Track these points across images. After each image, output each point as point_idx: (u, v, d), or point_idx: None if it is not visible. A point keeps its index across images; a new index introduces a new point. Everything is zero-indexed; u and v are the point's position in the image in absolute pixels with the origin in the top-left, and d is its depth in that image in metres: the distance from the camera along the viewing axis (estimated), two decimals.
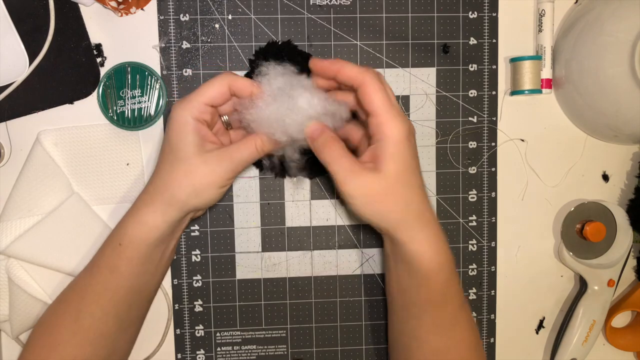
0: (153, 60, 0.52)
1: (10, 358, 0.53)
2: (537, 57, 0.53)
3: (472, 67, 0.54)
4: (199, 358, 0.55)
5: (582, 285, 0.56)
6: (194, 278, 0.54)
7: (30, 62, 0.49)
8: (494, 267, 0.56)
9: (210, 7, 0.52)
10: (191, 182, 0.41)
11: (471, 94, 0.55)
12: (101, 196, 0.52)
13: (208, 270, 0.54)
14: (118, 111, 0.51)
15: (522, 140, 0.56)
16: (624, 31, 0.46)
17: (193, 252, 0.54)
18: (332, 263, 0.55)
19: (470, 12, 0.54)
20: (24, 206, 0.50)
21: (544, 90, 0.54)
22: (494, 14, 0.54)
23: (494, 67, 0.55)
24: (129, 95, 0.51)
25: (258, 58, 0.51)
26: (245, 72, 0.52)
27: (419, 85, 0.54)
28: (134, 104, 0.51)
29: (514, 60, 0.54)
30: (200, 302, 0.54)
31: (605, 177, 0.57)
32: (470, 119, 0.55)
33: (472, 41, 0.54)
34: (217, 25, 0.52)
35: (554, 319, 0.58)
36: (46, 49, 0.49)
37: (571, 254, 0.55)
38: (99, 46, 0.51)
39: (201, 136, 0.42)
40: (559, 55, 0.53)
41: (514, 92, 0.54)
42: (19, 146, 0.51)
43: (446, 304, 0.43)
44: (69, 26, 0.50)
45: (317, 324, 0.55)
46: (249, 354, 0.55)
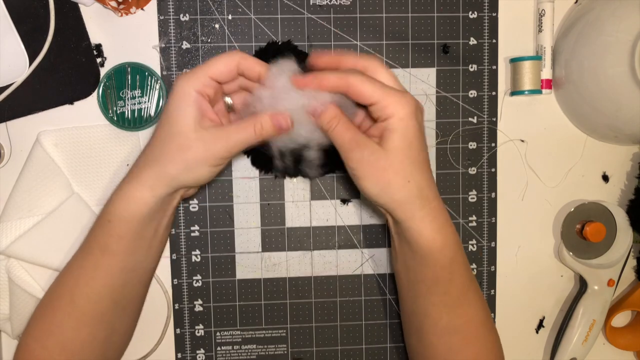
0: (153, 61, 0.52)
1: (10, 358, 0.53)
2: (537, 58, 0.53)
3: (472, 67, 0.54)
4: (199, 358, 0.55)
5: (582, 285, 0.56)
6: (194, 278, 0.54)
7: (30, 62, 0.49)
8: (493, 267, 0.56)
9: (210, 7, 0.52)
10: (184, 157, 0.40)
11: (471, 94, 0.55)
12: (101, 196, 0.52)
13: (208, 270, 0.54)
14: (118, 112, 0.51)
15: (522, 141, 0.56)
16: (624, 31, 0.46)
17: (193, 252, 0.54)
18: (332, 263, 0.55)
19: (470, 12, 0.54)
20: (24, 206, 0.50)
21: (544, 91, 0.54)
22: (494, 14, 0.54)
23: (494, 67, 0.55)
24: (129, 95, 0.51)
25: (258, 58, 0.51)
26: None
27: (418, 85, 0.54)
28: (134, 104, 0.51)
29: (514, 61, 0.54)
30: (200, 301, 0.54)
31: (605, 178, 0.57)
32: (470, 119, 0.55)
33: (472, 41, 0.54)
34: (217, 25, 0.52)
35: (554, 319, 0.58)
36: (46, 49, 0.49)
37: (571, 254, 0.55)
38: (99, 46, 0.51)
39: (201, 111, 0.40)
40: (559, 56, 0.53)
41: (514, 93, 0.54)
42: (19, 146, 0.51)
43: (453, 281, 0.43)
44: (69, 26, 0.50)
45: (317, 323, 0.55)
46: (249, 354, 0.55)
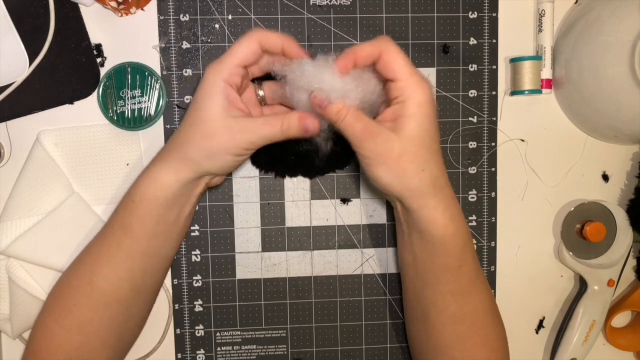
0: (153, 61, 0.52)
1: (10, 358, 0.53)
2: (537, 57, 0.53)
3: (472, 67, 0.54)
4: (199, 358, 0.55)
5: (582, 285, 0.56)
6: (194, 278, 0.54)
7: (30, 62, 0.49)
8: (493, 267, 0.56)
9: (210, 7, 0.52)
10: (208, 144, 0.41)
11: (471, 94, 0.55)
12: (101, 196, 0.52)
13: (208, 270, 0.54)
14: (118, 111, 0.51)
15: (522, 140, 0.56)
16: (624, 31, 0.46)
17: (193, 252, 0.54)
18: (332, 263, 0.55)
19: (470, 12, 0.54)
20: (24, 206, 0.50)
21: (544, 90, 0.54)
22: (494, 14, 0.54)
23: (494, 67, 0.55)
24: (129, 95, 0.51)
25: None
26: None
27: None
28: (134, 104, 0.51)
29: (514, 61, 0.54)
30: (200, 302, 0.54)
31: (605, 177, 0.57)
32: (470, 119, 0.55)
33: (472, 41, 0.54)
34: (217, 25, 0.52)
35: (554, 319, 0.58)
36: (46, 49, 0.49)
37: (571, 253, 0.55)
38: (99, 46, 0.51)
39: (229, 100, 0.41)
40: (559, 56, 0.53)
41: (514, 92, 0.54)
42: (19, 146, 0.51)
43: (462, 270, 0.43)
44: (69, 26, 0.50)
45: (317, 324, 0.55)
46: (249, 354, 0.55)
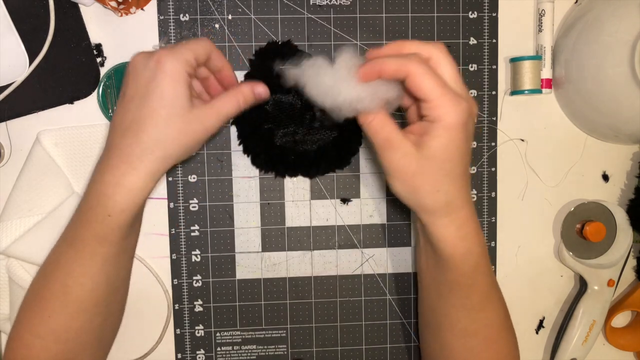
0: None
1: None
2: (537, 57, 0.53)
3: (472, 67, 0.54)
4: (199, 358, 0.55)
5: (582, 285, 0.56)
6: (194, 278, 0.54)
7: (30, 62, 0.49)
8: (493, 267, 0.56)
9: (210, 7, 0.52)
10: (185, 140, 0.39)
11: (471, 93, 0.55)
12: None
13: (208, 270, 0.54)
14: None
15: (522, 140, 0.56)
16: (624, 31, 0.46)
17: (193, 252, 0.54)
18: (332, 263, 0.55)
19: (470, 12, 0.54)
20: (24, 206, 0.50)
21: (544, 90, 0.54)
22: (494, 14, 0.54)
23: (494, 67, 0.55)
24: None
25: (258, 58, 0.51)
26: (245, 72, 0.51)
27: None
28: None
29: (514, 60, 0.54)
30: (200, 302, 0.54)
31: (605, 177, 0.57)
32: None
33: (472, 41, 0.54)
34: (217, 25, 0.52)
35: (554, 319, 0.58)
36: (46, 49, 0.49)
37: (571, 253, 0.55)
38: (99, 46, 0.51)
39: (190, 89, 0.40)
40: (559, 55, 0.53)
41: (514, 92, 0.54)
42: (19, 146, 0.51)
43: (473, 289, 0.43)
44: (69, 26, 0.50)
45: (317, 324, 0.55)
46: (249, 354, 0.55)
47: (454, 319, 0.45)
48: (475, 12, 0.54)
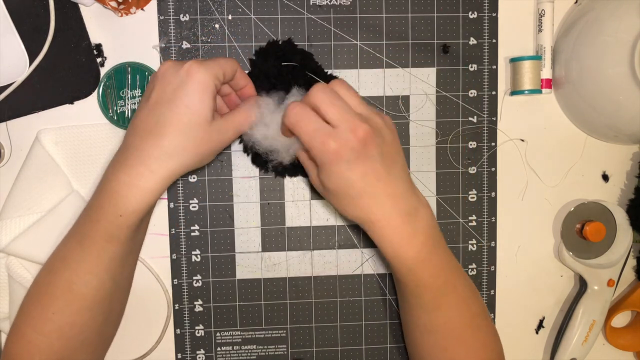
0: (153, 60, 0.52)
1: None
2: (537, 57, 0.53)
3: (472, 67, 0.54)
4: (199, 358, 0.55)
5: (582, 285, 0.56)
6: (194, 278, 0.54)
7: (30, 62, 0.49)
8: (493, 267, 0.56)
9: (210, 7, 0.52)
10: (203, 149, 0.41)
11: (471, 94, 0.55)
12: None
13: (208, 270, 0.54)
14: (118, 111, 0.51)
15: (522, 140, 0.56)
16: (624, 31, 0.46)
17: (193, 252, 0.54)
18: (332, 263, 0.55)
19: (470, 12, 0.54)
20: (24, 204, 0.50)
21: (544, 90, 0.54)
22: (494, 14, 0.54)
23: (494, 67, 0.55)
24: (129, 95, 0.51)
25: (259, 57, 0.51)
26: (246, 72, 0.51)
27: (419, 85, 0.54)
28: (134, 104, 0.51)
29: (514, 60, 0.54)
30: (200, 302, 0.54)
31: (605, 177, 0.57)
32: (470, 119, 0.55)
33: (472, 41, 0.54)
34: (217, 25, 0.52)
35: (553, 319, 0.58)
36: (46, 49, 0.49)
37: (571, 253, 0.55)
38: (99, 46, 0.51)
39: (215, 102, 0.42)
40: (559, 55, 0.53)
41: (514, 92, 0.54)
42: (19, 146, 0.51)
43: (421, 288, 0.43)
44: (69, 26, 0.50)
45: (317, 324, 0.55)
46: (249, 354, 0.55)
47: (414, 316, 0.46)
48: (475, 12, 0.54)
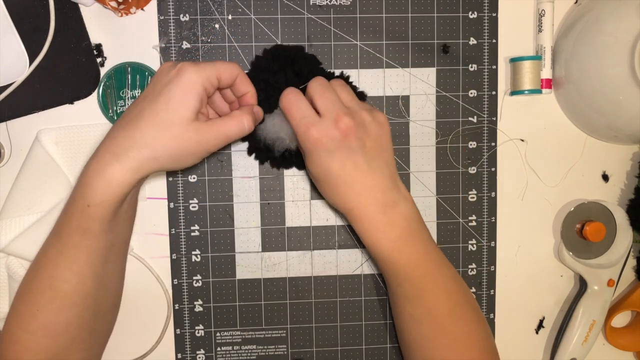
0: (153, 61, 0.52)
1: None
2: (537, 57, 0.53)
3: (472, 67, 0.54)
4: (199, 358, 0.55)
5: (582, 285, 0.56)
6: (194, 278, 0.54)
7: (30, 62, 0.49)
8: (493, 267, 0.56)
9: (210, 7, 0.52)
10: (176, 147, 0.40)
11: (471, 94, 0.55)
12: None
13: (208, 270, 0.54)
14: (118, 111, 0.51)
15: (522, 140, 0.56)
16: (624, 31, 0.46)
17: (193, 252, 0.54)
18: (332, 263, 0.55)
19: (470, 12, 0.54)
20: (24, 204, 0.50)
21: (544, 90, 0.54)
22: (494, 14, 0.54)
23: (493, 67, 0.55)
24: (129, 95, 0.51)
25: (266, 57, 0.51)
26: (246, 72, 0.51)
27: (419, 85, 0.54)
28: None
29: (514, 60, 0.54)
30: (200, 302, 0.54)
31: (605, 177, 0.57)
32: (470, 119, 0.55)
33: (472, 41, 0.54)
34: (217, 26, 0.52)
35: (553, 319, 0.58)
36: (46, 49, 0.49)
37: (571, 253, 0.55)
38: (99, 46, 0.51)
39: (201, 104, 0.41)
40: (559, 55, 0.53)
41: (514, 92, 0.54)
42: (19, 146, 0.51)
43: (401, 277, 0.45)
44: (69, 26, 0.50)
45: (317, 324, 0.55)
46: (249, 354, 0.55)
47: (399, 306, 0.47)
48: (475, 12, 0.54)
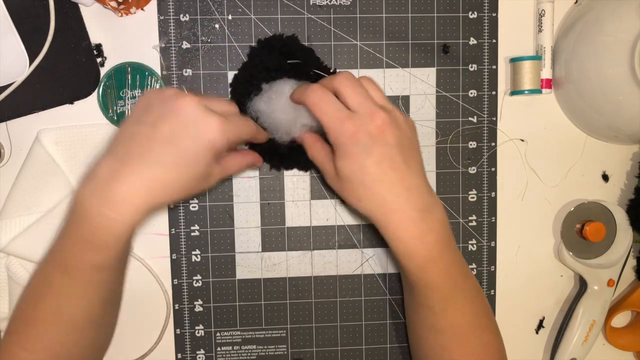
0: (153, 61, 0.52)
1: None
2: (537, 57, 0.53)
3: (472, 67, 0.54)
4: (199, 358, 0.55)
5: (582, 285, 0.56)
6: (194, 278, 0.54)
7: (30, 62, 0.49)
8: (493, 267, 0.56)
9: (210, 7, 0.52)
10: (185, 189, 0.40)
11: (471, 94, 0.55)
12: None
13: (208, 270, 0.54)
14: (118, 111, 0.51)
15: (522, 140, 0.56)
16: (624, 31, 0.46)
17: (193, 252, 0.54)
18: (332, 263, 0.55)
19: (470, 12, 0.54)
20: (23, 204, 0.50)
21: (544, 90, 0.54)
22: (494, 14, 0.54)
23: (493, 67, 0.55)
24: (129, 95, 0.51)
25: (262, 49, 0.51)
26: (244, 61, 0.51)
27: (418, 85, 0.54)
28: (134, 104, 0.51)
29: (514, 60, 0.54)
30: (200, 302, 0.54)
31: (605, 177, 0.57)
32: (470, 119, 0.55)
33: (472, 41, 0.54)
34: (217, 26, 0.52)
35: (553, 319, 0.58)
36: (46, 49, 0.49)
37: (571, 253, 0.55)
38: (99, 46, 0.51)
39: (217, 153, 0.40)
40: (559, 55, 0.53)
41: (513, 92, 0.54)
42: (19, 146, 0.51)
43: (429, 288, 0.43)
44: (69, 26, 0.50)
45: (317, 324, 0.55)
46: (249, 354, 0.55)
47: (421, 316, 0.46)
48: (475, 12, 0.54)
